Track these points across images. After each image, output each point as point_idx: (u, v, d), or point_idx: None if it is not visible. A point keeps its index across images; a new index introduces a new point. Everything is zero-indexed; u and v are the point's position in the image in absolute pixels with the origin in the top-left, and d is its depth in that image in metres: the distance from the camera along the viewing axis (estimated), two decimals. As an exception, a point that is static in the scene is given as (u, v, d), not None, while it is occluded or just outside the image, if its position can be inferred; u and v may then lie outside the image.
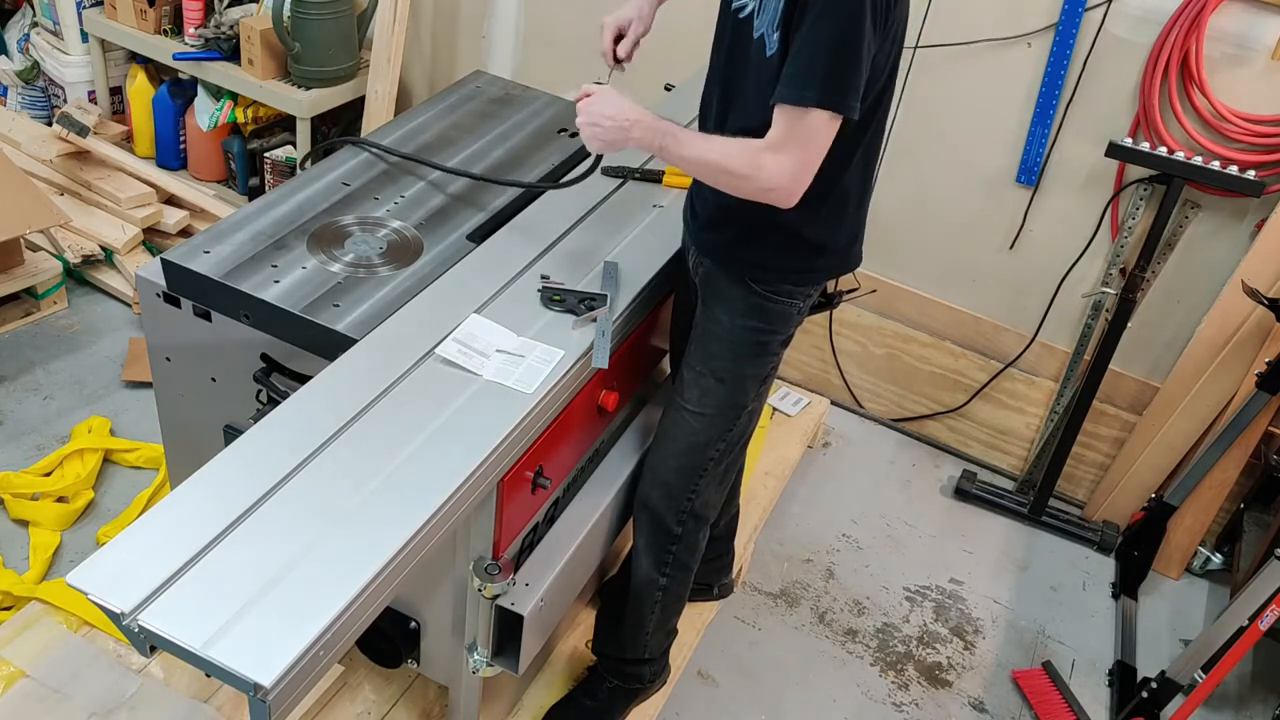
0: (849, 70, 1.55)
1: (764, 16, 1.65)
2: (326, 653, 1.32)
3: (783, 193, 1.62)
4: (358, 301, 1.88)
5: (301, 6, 3.28)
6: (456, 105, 2.55)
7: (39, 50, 3.83)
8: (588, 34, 3.35)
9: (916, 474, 3.28)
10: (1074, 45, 2.74)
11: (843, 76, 1.55)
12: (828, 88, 1.55)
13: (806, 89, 1.55)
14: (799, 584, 2.85)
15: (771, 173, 1.60)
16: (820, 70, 1.55)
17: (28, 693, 2.12)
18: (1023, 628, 2.84)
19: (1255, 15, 2.55)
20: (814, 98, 1.55)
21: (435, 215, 2.15)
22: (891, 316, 3.29)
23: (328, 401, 1.62)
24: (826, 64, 1.54)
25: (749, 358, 1.93)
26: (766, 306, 1.88)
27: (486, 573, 1.78)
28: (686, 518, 2.07)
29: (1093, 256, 2.97)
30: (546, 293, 1.91)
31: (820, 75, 1.55)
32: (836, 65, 1.55)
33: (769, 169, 1.60)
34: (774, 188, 1.62)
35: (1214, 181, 2.64)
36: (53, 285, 3.25)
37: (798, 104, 1.56)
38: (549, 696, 2.31)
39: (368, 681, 2.24)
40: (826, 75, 1.55)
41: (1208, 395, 2.84)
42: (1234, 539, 2.99)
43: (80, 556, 2.54)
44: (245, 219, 2.04)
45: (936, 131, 3.00)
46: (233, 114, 3.63)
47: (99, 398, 3.01)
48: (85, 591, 1.28)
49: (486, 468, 1.60)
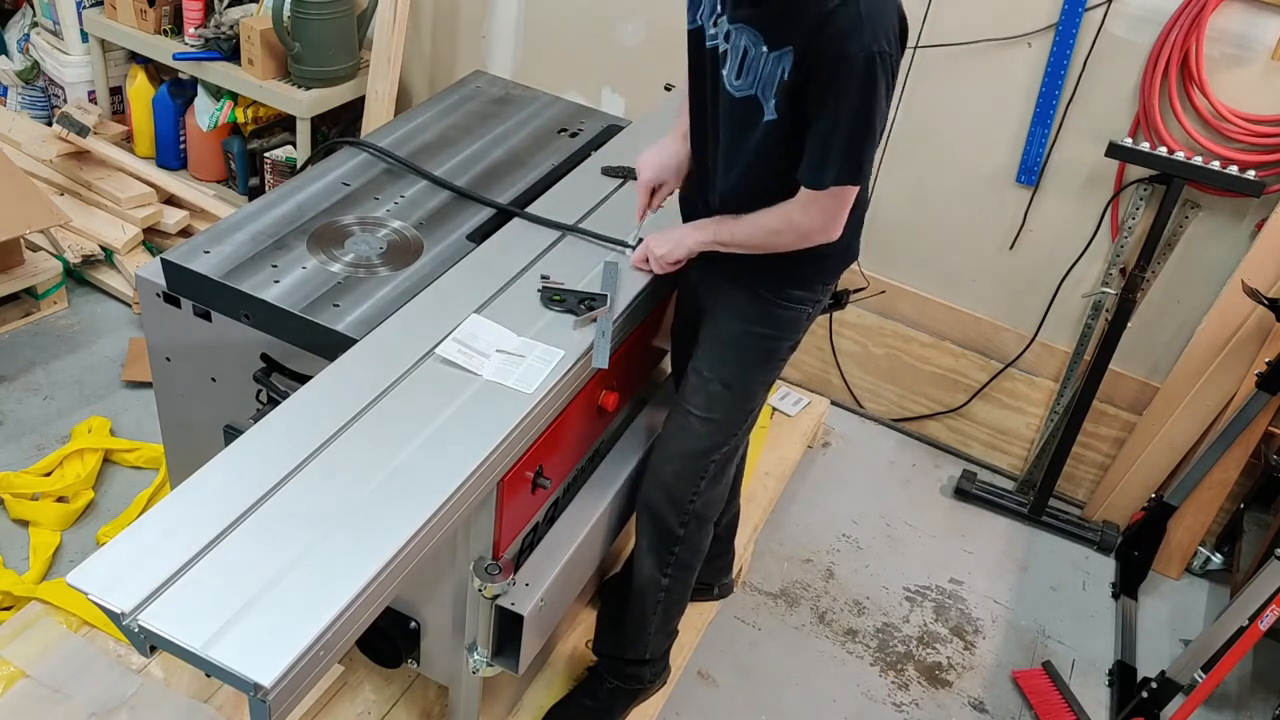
0: (867, 145, 1.64)
1: (749, 79, 1.68)
2: (326, 653, 1.32)
3: (822, 236, 1.76)
4: (358, 301, 1.88)
5: (301, 6, 3.28)
6: (456, 105, 2.55)
7: (39, 50, 3.83)
8: (588, 34, 3.36)
9: (916, 474, 3.28)
10: (1074, 45, 2.74)
11: (861, 153, 1.64)
12: (848, 168, 1.65)
13: (826, 173, 1.66)
14: (799, 584, 2.85)
15: (808, 228, 1.74)
16: (839, 154, 1.63)
17: (28, 693, 2.12)
18: (1023, 628, 2.84)
19: (1255, 15, 2.55)
20: (834, 178, 1.66)
21: (435, 215, 2.15)
22: (891, 316, 3.29)
23: (328, 401, 1.62)
24: (845, 146, 1.63)
25: (758, 365, 1.94)
26: (776, 313, 1.89)
27: (486, 573, 1.78)
28: (689, 518, 2.07)
29: (1093, 256, 2.97)
30: (546, 293, 1.91)
31: (839, 159, 1.64)
32: (855, 144, 1.63)
33: (804, 226, 1.74)
34: (812, 235, 1.76)
35: (1214, 181, 2.64)
36: (53, 285, 3.25)
37: (821, 188, 1.67)
38: (549, 696, 2.31)
39: (368, 681, 2.24)
40: (846, 157, 1.64)
41: (1208, 395, 2.84)
42: (1234, 539, 2.99)
43: (80, 556, 2.54)
44: (245, 219, 2.03)
45: (937, 132, 3.00)
46: (233, 114, 3.63)
47: (99, 398, 3.01)
48: (85, 591, 1.28)
49: (486, 468, 1.60)
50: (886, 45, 1.57)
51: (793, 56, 1.60)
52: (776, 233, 1.77)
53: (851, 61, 1.55)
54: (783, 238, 1.78)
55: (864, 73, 1.56)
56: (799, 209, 1.72)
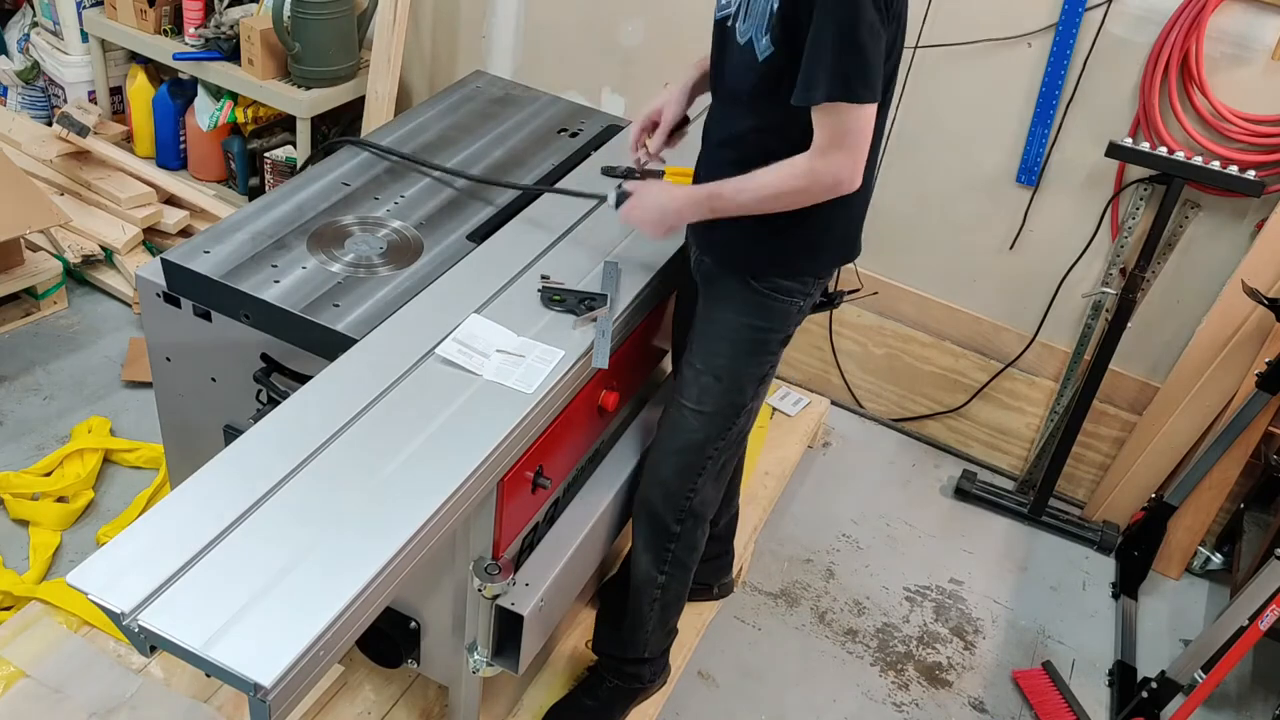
0: (855, 59, 1.56)
1: (750, 21, 1.66)
2: (326, 653, 1.32)
3: (846, 184, 1.67)
4: (358, 301, 1.88)
5: (301, 6, 3.28)
6: (457, 105, 2.55)
7: (39, 50, 3.83)
8: (588, 34, 3.37)
9: (916, 474, 3.28)
10: (1074, 45, 2.74)
11: (849, 67, 1.56)
12: (838, 83, 1.57)
13: (815, 89, 1.58)
14: (799, 584, 2.85)
15: (827, 175, 1.65)
16: (827, 68, 1.56)
17: (28, 693, 2.12)
18: (1023, 628, 2.84)
19: (1255, 15, 2.55)
20: (825, 94, 1.57)
21: (435, 215, 2.15)
22: (891, 316, 3.29)
23: (328, 401, 1.62)
24: (832, 60, 1.56)
25: (748, 355, 1.93)
26: (767, 304, 1.88)
27: (486, 573, 1.78)
28: (685, 516, 2.07)
29: (1093, 256, 2.97)
30: (546, 293, 1.92)
31: (828, 73, 1.56)
32: (842, 57, 1.56)
33: (823, 173, 1.65)
34: (835, 185, 1.67)
35: (1214, 181, 2.64)
36: (53, 285, 3.25)
37: (812, 103, 1.59)
38: (549, 696, 2.31)
39: (368, 681, 2.24)
40: (834, 72, 1.56)
41: (1208, 395, 2.84)
42: (1234, 539, 2.99)
43: (80, 556, 2.54)
44: (245, 219, 2.03)
45: (937, 132, 3.00)
46: (233, 114, 3.62)
47: (99, 398, 3.01)
48: (85, 591, 1.28)
49: (486, 468, 1.60)
50: None
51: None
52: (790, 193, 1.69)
53: None
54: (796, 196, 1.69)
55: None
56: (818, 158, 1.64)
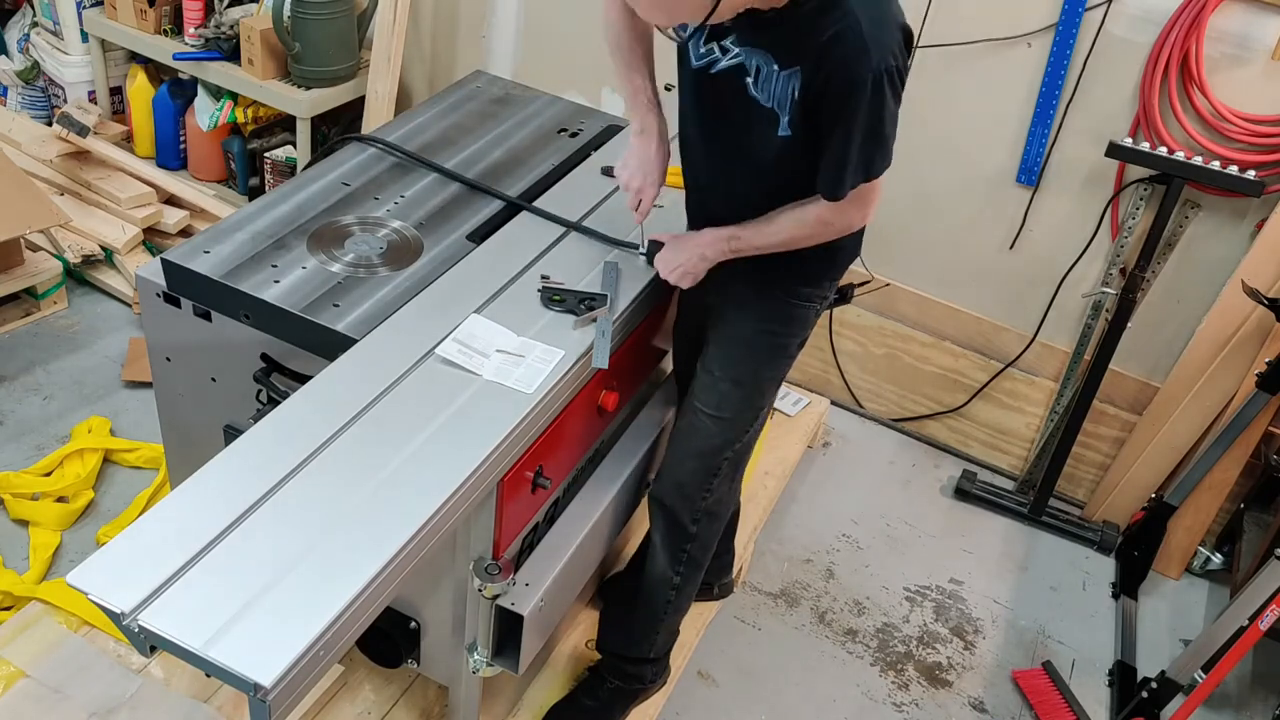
0: (881, 153, 1.65)
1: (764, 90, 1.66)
2: (326, 653, 1.32)
3: (858, 225, 1.81)
4: (358, 301, 1.88)
5: (301, 6, 3.28)
6: (456, 105, 2.55)
7: (39, 50, 3.83)
8: (588, 34, 3.36)
9: (916, 474, 3.28)
10: (1074, 45, 2.74)
11: (873, 159, 1.65)
12: (863, 173, 1.66)
13: (842, 186, 1.67)
14: (799, 584, 2.85)
15: (842, 223, 1.77)
16: (856, 166, 1.64)
17: (28, 693, 2.12)
18: (1023, 628, 2.84)
19: (1255, 15, 2.55)
20: (852, 185, 1.67)
21: (435, 215, 2.15)
22: (891, 316, 3.29)
23: (328, 401, 1.62)
24: (861, 158, 1.63)
25: (768, 362, 1.95)
26: (787, 311, 1.90)
27: (486, 573, 1.78)
28: (701, 515, 2.08)
29: (1093, 256, 2.97)
30: (546, 293, 1.92)
31: (856, 170, 1.65)
32: (869, 154, 1.64)
33: (839, 224, 1.77)
34: (847, 229, 1.80)
35: (1214, 181, 2.64)
36: (53, 285, 3.25)
37: (840, 198, 1.69)
38: (549, 696, 2.31)
39: (368, 681, 2.24)
40: (861, 167, 1.65)
41: (1208, 395, 2.84)
42: (1234, 539, 2.98)
43: (80, 556, 2.54)
44: (245, 219, 2.03)
45: (936, 131, 3.00)
46: (233, 114, 3.62)
47: (99, 398, 3.01)
48: (85, 591, 1.28)
49: (486, 468, 1.60)
50: (893, 60, 1.56)
51: (801, 78, 1.60)
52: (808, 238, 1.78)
53: (860, 84, 1.55)
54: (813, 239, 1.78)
55: (873, 92, 1.56)
56: (829, 210, 1.73)
